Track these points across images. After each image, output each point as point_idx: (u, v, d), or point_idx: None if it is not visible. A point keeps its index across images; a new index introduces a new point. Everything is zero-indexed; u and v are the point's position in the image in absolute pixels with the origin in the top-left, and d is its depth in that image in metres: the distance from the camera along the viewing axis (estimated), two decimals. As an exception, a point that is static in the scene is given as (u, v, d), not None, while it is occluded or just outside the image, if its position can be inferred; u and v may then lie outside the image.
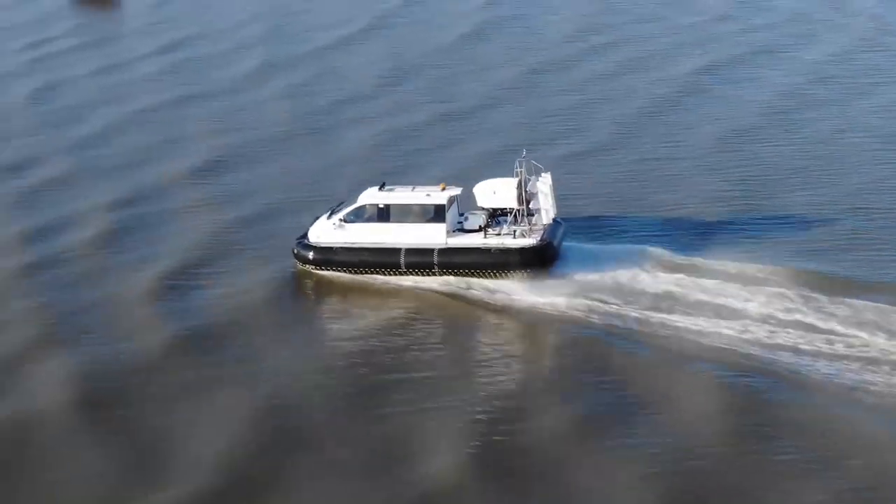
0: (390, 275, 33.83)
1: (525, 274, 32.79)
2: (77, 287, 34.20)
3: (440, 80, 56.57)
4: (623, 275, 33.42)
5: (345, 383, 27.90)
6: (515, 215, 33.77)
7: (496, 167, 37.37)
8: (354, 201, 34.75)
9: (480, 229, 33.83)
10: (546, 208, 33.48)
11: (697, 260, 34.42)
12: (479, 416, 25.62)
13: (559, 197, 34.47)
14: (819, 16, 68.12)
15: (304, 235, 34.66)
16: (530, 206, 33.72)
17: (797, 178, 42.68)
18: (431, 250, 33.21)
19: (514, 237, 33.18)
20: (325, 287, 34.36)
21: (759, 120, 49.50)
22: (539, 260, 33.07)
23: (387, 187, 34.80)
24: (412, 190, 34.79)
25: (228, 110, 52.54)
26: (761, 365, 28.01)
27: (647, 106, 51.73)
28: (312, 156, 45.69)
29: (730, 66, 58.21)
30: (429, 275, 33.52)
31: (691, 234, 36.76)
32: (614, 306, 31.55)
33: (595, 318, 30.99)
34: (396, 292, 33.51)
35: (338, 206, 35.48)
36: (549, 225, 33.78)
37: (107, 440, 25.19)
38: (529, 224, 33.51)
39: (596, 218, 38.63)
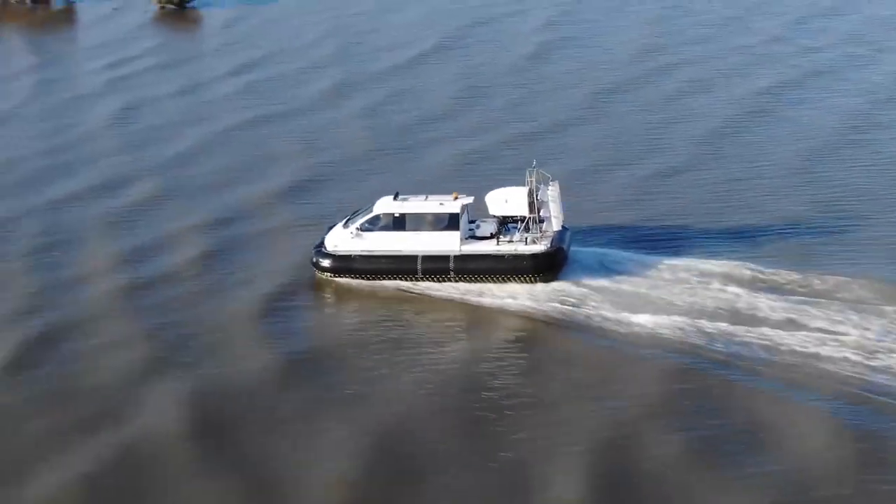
0: (407, 281, 34.87)
1: (536, 279, 34.21)
2: (179, 309, 34.38)
3: (514, 100, 56.82)
4: (708, 293, 33.72)
5: (455, 407, 27.90)
6: (527, 223, 34.65)
7: (577, 187, 38.43)
8: (369, 210, 35.64)
9: (492, 236, 34.88)
10: (555, 216, 34.41)
11: (791, 276, 34.62)
12: (593, 443, 25.64)
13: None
14: (874, 37, 68.08)
15: (321, 244, 35.63)
16: (540, 213, 34.75)
17: (873, 197, 42.68)
18: (447, 257, 34.29)
19: (526, 244, 34.22)
20: (424, 308, 34.42)
21: (829, 140, 49.44)
22: (550, 265, 34.33)
23: (400, 197, 35.69)
24: (425, 199, 35.62)
25: (309, 129, 52.89)
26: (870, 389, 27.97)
27: (718, 126, 51.87)
28: (396, 174, 45.53)
29: (792, 86, 58.10)
30: (444, 281, 34.64)
31: (782, 252, 36.97)
32: (706, 328, 31.56)
33: (693, 340, 31.11)
34: (491, 315, 33.65)
35: (352, 215, 36.40)
36: (557, 232, 34.75)
37: (217, 466, 25.42)
38: (540, 231, 34.56)
39: (679, 235, 38.99)
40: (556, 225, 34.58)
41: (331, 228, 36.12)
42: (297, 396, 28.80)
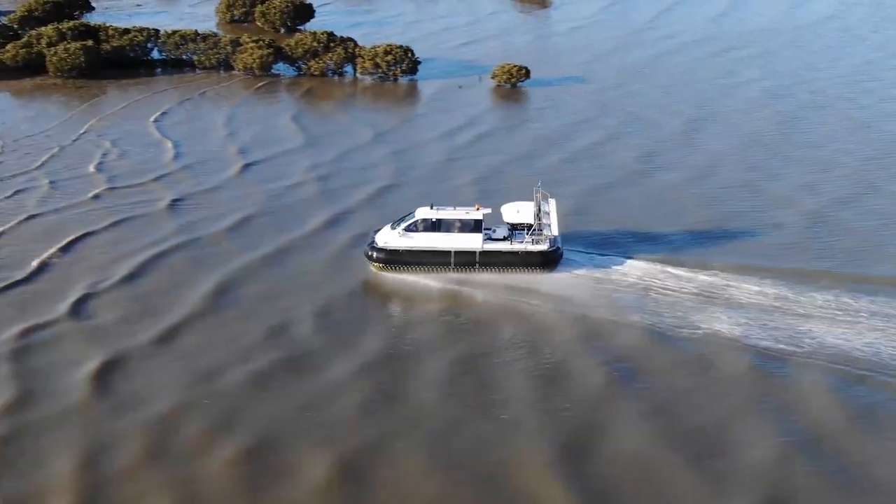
0: (442, 272, 42.21)
1: (540, 270, 42.03)
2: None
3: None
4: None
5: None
6: (533, 229, 42.16)
7: None
8: (412, 216, 42.76)
9: (505, 238, 42.64)
10: (553, 224, 42.47)
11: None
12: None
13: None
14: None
15: (373, 242, 42.71)
16: (542, 222, 42.31)
17: None
18: (474, 252, 41.97)
19: (532, 244, 41.91)
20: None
21: None
22: (552, 260, 42.15)
23: (435, 207, 42.83)
24: (454, 209, 43.00)
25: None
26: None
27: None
28: None
29: None
30: (471, 271, 42.21)
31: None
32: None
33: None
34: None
35: (398, 220, 43.30)
36: (555, 236, 42.24)
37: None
38: (542, 235, 41.96)
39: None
40: (554, 230, 42.29)
41: (377, 231, 43.26)
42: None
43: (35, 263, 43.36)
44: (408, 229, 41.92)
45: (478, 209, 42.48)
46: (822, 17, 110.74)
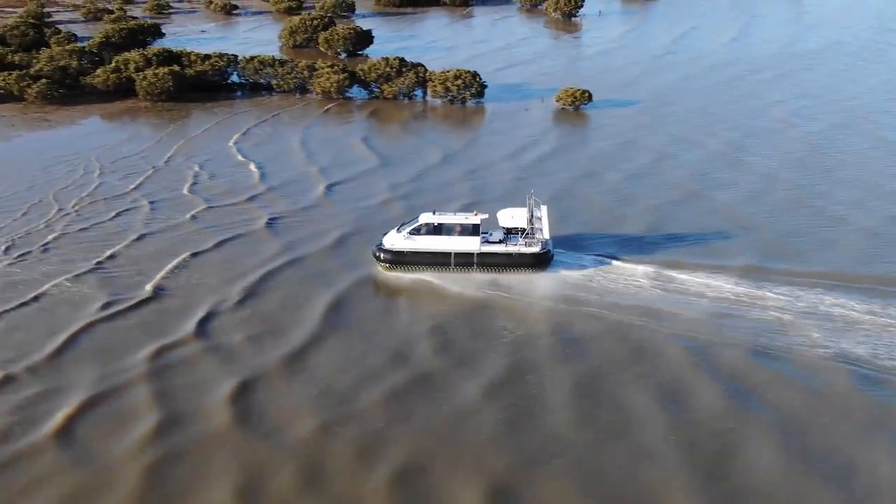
0: (443, 271, 42.02)
1: (532, 270, 41.85)
2: None
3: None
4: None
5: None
6: (526, 232, 42.24)
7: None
8: (415, 221, 42.87)
9: (501, 241, 42.48)
10: (545, 228, 42.33)
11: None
12: None
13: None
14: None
15: (380, 244, 42.55)
16: (534, 226, 42.39)
17: None
18: (472, 254, 41.89)
19: (525, 246, 41.89)
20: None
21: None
22: (543, 261, 42.05)
23: (437, 212, 43.42)
24: (454, 214, 43.70)
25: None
26: None
27: None
28: None
29: None
30: (469, 271, 42.03)
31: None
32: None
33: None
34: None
35: (401, 224, 43.67)
36: (545, 240, 42.32)
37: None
38: (534, 238, 42.15)
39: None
40: (546, 234, 42.34)
41: (385, 234, 43.28)
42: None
43: (152, 284, 41.26)
44: (412, 233, 42.17)
45: (476, 215, 42.87)
46: (831, 42, 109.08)
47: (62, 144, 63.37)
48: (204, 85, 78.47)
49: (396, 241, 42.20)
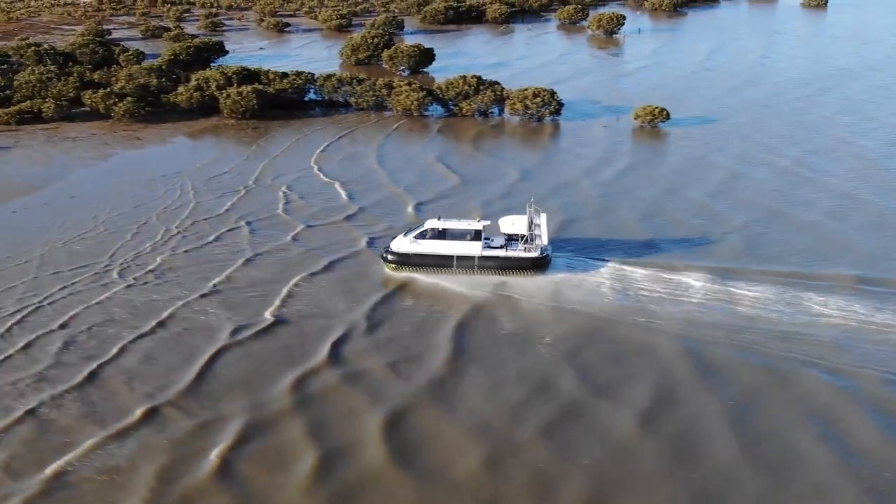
0: (446, 273, 41.73)
1: (531, 273, 41.39)
2: None
3: None
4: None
5: None
6: (525, 238, 41.90)
7: None
8: (421, 226, 42.55)
9: (502, 247, 42.20)
10: (543, 235, 41.83)
11: None
12: None
13: None
14: None
15: (388, 247, 42.53)
16: (534, 233, 42.02)
17: None
18: (473, 257, 41.58)
19: (524, 251, 41.60)
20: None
21: None
22: (540, 265, 41.71)
23: (442, 219, 43.23)
24: (459, 220, 43.21)
25: None
26: None
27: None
28: None
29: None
30: (471, 273, 41.68)
31: None
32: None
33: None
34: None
35: (409, 229, 43.63)
36: (545, 245, 41.90)
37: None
38: (533, 244, 41.82)
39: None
40: (544, 241, 41.90)
41: (394, 238, 43.36)
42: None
43: (274, 307, 38.79)
44: (417, 237, 42.10)
45: (479, 221, 43.03)
46: (862, 58, 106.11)
47: (156, 163, 60.99)
48: (282, 102, 75.95)
49: (403, 244, 42.11)
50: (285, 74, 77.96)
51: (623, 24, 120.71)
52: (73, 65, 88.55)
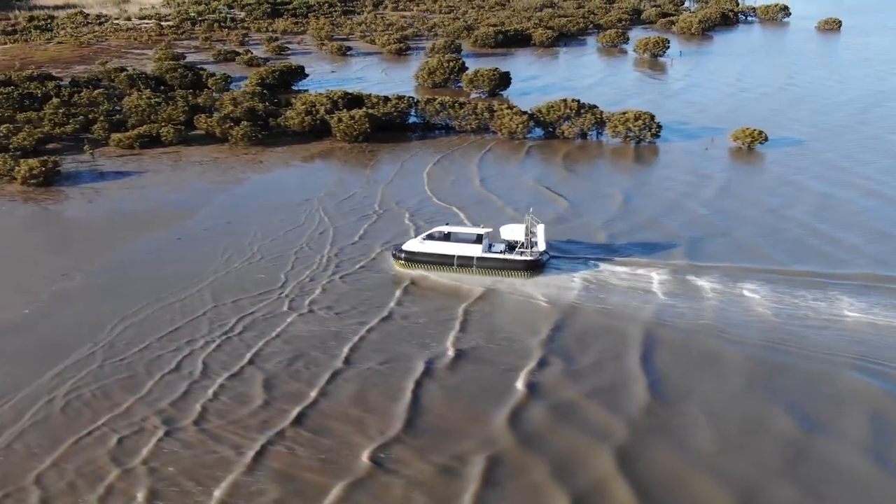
0: (448, 271, 43.27)
1: (525, 275, 42.60)
2: None
3: None
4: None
5: None
6: (523, 245, 43.21)
7: None
8: (431, 230, 44.19)
9: (502, 252, 43.51)
10: (540, 241, 43.16)
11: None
12: None
13: None
14: None
15: (400, 247, 44.11)
16: (531, 240, 43.16)
17: None
18: (472, 258, 43.00)
19: (521, 256, 42.90)
20: None
21: None
22: (534, 268, 42.91)
23: (449, 224, 45.69)
24: (464, 226, 45.80)
25: None
26: None
27: None
28: None
29: None
30: (470, 273, 43.11)
31: None
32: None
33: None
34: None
35: (418, 235, 45.20)
36: (541, 251, 43.08)
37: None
38: (530, 250, 43.00)
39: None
40: (541, 247, 43.15)
41: (407, 240, 45.02)
42: None
43: (452, 337, 36.93)
44: (425, 238, 43.83)
45: (482, 228, 44.48)
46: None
47: (287, 187, 58.76)
48: (385, 125, 73.85)
49: (413, 245, 43.75)
50: (387, 98, 75.88)
51: (669, 47, 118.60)
52: (164, 88, 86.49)
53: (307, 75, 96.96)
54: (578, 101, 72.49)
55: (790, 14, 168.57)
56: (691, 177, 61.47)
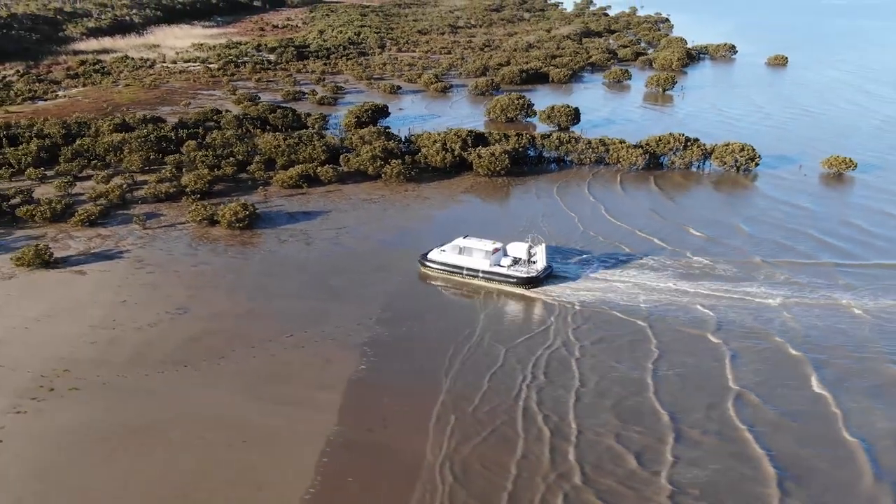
0: (460, 278, 44.83)
1: (525, 288, 43.49)
2: None
3: None
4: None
5: None
6: (526, 261, 44.96)
7: None
8: (451, 242, 46.02)
9: (507, 267, 44.72)
10: (541, 259, 44.68)
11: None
12: None
13: None
14: None
15: (425, 255, 46.19)
16: (533, 257, 45.04)
17: None
18: (478, 270, 44.70)
19: (518, 272, 44.15)
20: None
21: None
22: (532, 283, 43.88)
23: (468, 238, 46.43)
24: (480, 240, 46.28)
25: None
26: None
27: None
28: None
29: None
30: (479, 281, 44.38)
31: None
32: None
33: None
34: None
35: (443, 244, 46.56)
36: (542, 268, 44.48)
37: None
38: (530, 266, 44.56)
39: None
40: (541, 264, 44.65)
41: (430, 250, 46.73)
42: None
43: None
44: (444, 250, 45.79)
45: (493, 244, 46.06)
46: None
47: (466, 222, 57.51)
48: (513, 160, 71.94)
49: (435, 254, 46.12)
50: (506, 135, 73.66)
51: (676, 83, 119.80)
52: (269, 127, 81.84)
53: (390, 113, 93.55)
54: (685, 135, 71.97)
55: (737, 52, 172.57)
56: (793, 202, 62.51)
